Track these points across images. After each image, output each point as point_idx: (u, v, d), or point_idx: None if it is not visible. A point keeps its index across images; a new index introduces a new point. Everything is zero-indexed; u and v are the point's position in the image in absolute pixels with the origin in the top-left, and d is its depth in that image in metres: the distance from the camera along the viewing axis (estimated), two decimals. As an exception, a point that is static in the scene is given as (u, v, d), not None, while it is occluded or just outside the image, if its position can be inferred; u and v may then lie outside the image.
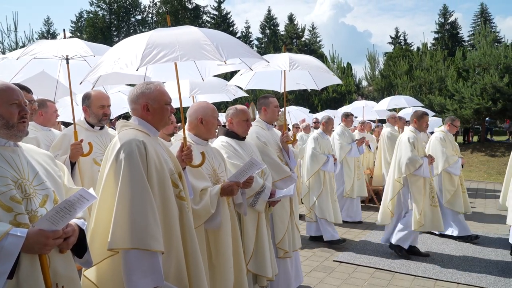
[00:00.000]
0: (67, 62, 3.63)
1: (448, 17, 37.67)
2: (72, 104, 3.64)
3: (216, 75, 5.10)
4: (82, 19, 44.79)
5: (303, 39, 36.17)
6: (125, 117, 9.08)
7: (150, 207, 2.18)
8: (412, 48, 31.43)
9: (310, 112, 14.49)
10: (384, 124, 9.71)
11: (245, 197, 3.29)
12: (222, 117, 7.64)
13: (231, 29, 41.87)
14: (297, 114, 11.54)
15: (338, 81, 5.20)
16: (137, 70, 2.58)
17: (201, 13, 43.70)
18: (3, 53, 16.10)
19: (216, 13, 43.14)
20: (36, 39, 20.70)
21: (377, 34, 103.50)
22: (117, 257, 2.19)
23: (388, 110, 10.14)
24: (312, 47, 34.89)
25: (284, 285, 4.18)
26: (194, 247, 2.45)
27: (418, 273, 5.08)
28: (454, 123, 6.68)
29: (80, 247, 1.91)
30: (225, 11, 43.00)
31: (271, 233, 3.99)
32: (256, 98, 16.03)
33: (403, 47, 31.44)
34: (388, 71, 24.07)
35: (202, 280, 2.45)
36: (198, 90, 5.50)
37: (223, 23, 41.50)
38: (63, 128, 5.30)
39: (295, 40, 35.53)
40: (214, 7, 43.19)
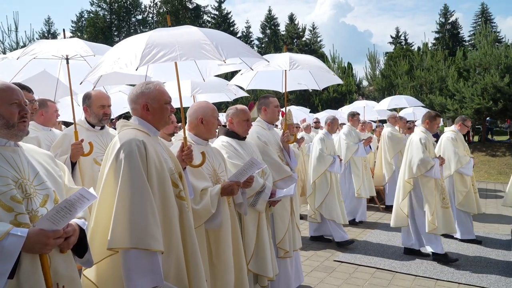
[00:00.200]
0: (67, 62, 3.63)
1: (448, 17, 37.65)
2: (72, 104, 3.65)
3: (217, 75, 5.10)
4: (83, 19, 44.78)
5: (304, 39, 36.13)
6: (125, 116, 9.07)
7: (150, 207, 2.18)
8: (412, 48, 31.40)
9: (310, 112, 14.52)
10: (384, 124, 9.71)
11: (245, 196, 3.29)
12: (222, 117, 7.64)
13: (232, 29, 41.85)
14: (297, 114, 11.53)
15: (339, 80, 5.20)
16: (136, 69, 2.59)
17: (201, 13, 43.67)
18: (4, 53, 16.11)
19: (216, 13, 43.11)
20: (36, 39, 20.70)
21: (377, 34, 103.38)
22: (116, 256, 2.19)
23: (388, 110, 10.13)
24: (312, 47, 34.84)
25: (284, 285, 4.18)
26: (194, 247, 2.45)
27: (419, 273, 5.08)
28: (465, 123, 6.54)
29: (80, 247, 1.90)
30: (225, 11, 42.98)
31: (272, 232, 3.98)
32: (257, 98, 16.04)
33: (404, 47, 31.41)
34: (388, 71, 24.05)
35: (201, 280, 2.45)
36: (200, 89, 5.51)
37: (224, 23, 41.48)
38: (64, 128, 5.30)
39: (296, 40, 35.50)
40: (214, 7, 43.18)
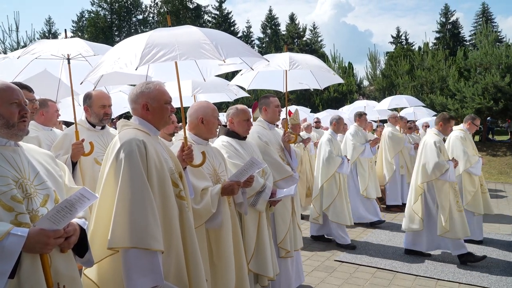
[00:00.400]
0: (68, 62, 3.64)
1: (449, 16, 37.61)
2: (73, 103, 3.65)
3: (217, 75, 5.10)
4: (84, 19, 44.79)
5: (304, 39, 36.13)
6: (126, 116, 9.06)
7: (150, 206, 2.19)
8: (413, 47, 31.40)
9: (311, 111, 14.52)
10: (385, 124, 9.70)
11: (245, 196, 3.29)
12: (223, 116, 7.64)
13: (232, 29, 41.84)
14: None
15: (340, 80, 5.20)
16: (136, 69, 2.59)
17: (202, 13, 43.64)
18: (5, 53, 16.11)
19: (217, 12, 43.10)
20: (37, 39, 20.71)
21: (378, 34, 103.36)
22: (117, 256, 2.19)
23: (389, 110, 10.12)
24: (313, 47, 34.86)
25: (285, 284, 4.17)
26: (194, 247, 2.45)
27: (420, 272, 5.08)
28: (475, 122, 6.38)
29: (81, 247, 1.90)
30: (226, 11, 42.96)
31: (273, 232, 3.98)
32: (257, 98, 16.03)
33: (405, 47, 31.40)
34: (389, 71, 24.03)
35: (201, 279, 2.45)
36: (200, 89, 5.51)
37: (224, 23, 41.46)
38: (65, 127, 5.31)
39: (297, 39, 35.49)
40: (215, 7, 43.18)
